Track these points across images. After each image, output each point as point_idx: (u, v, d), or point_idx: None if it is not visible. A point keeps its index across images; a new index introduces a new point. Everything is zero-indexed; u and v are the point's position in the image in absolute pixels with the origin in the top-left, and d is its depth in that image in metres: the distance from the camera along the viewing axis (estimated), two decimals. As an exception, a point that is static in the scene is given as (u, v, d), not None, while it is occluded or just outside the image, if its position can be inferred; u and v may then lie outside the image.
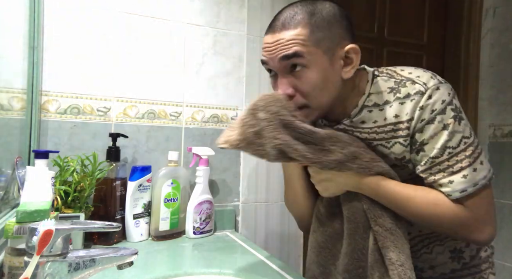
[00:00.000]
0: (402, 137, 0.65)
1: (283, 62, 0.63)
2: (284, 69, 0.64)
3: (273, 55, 0.64)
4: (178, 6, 1.08)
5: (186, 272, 0.73)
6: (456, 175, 0.61)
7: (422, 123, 0.63)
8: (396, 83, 0.66)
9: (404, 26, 1.59)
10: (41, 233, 0.40)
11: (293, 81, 0.64)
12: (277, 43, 0.63)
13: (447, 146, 0.62)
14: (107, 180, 0.90)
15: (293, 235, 1.23)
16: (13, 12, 0.83)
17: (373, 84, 0.69)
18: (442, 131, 0.62)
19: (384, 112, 0.67)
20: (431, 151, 0.63)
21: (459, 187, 0.61)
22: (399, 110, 0.65)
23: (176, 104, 1.08)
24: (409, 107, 0.63)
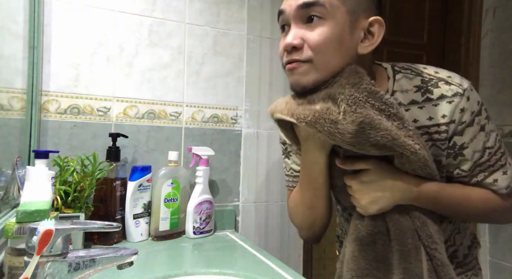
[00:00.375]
0: (439, 141, 0.62)
1: (300, 10, 0.58)
2: (300, 19, 0.59)
3: (292, 1, 0.58)
4: (178, 6, 1.08)
5: (186, 272, 0.73)
6: (497, 172, 0.62)
7: (462, 125, 0.60)
8: (424, 83, 0.62)
9: (404, 26, 1.59)
10: (41, 233, 0.40)
11: (304, 33, 0.58)
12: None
13: (486, 146, 0.61)
14: (107, 180, 0.90)
15: (293, 235, 1.23)
16: (13, 11, 0.83)
17: (396, 81, 0.64)
18: (480, 132, 0.61)
19: (413, 114, 0.62)
20: (471, 155, 0.61)
21: (504, 184, 0.62)
22: (433, 112, 0.60)
23: (176, 104, 1.08)
24: (447, 109, 0.59)
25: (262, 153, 1.19)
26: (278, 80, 1.22)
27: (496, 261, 1.51)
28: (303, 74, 0.59)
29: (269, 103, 1.20)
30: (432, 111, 0.61)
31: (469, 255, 0.74)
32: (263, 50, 1.19)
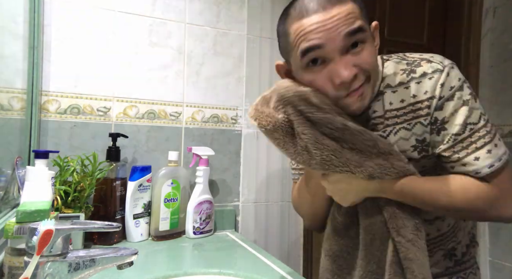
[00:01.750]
0: (422, 117, 0.63)
1: (347, 39, 0.57)
2: (344, 48, 0.58)
3: (333, 33, 0.56)
4: (178, 6, 1.08)
5: (186, 272, 0.73)
6: (480, 150, 0.60)
7: (441, 100, 0.61)
8: (409, 65, 0.64)
9: (404, 26, 1.59)
10: (41, 233, 0.40)
11: (353, 60, 0.58)
12: (337, 16, 0.56)
13: (468, 122, 0.60)
14: (107, 180, 0.90)
15: (293, 235, 1.23)
16: (13, 11, 0.83)
17: (384, 68, 0.67)
18: (462, 107, 0.60)
19: (400, 94, 0.64)
20: (452, 128, 0.61)
21: (487, 162, 0.60)
22: (416, 90, 0.62)
23: (176, 104, 1.08)
24: (428, 85, 0.61)
25: (262, 153, 1.19)
26: (278, 80, 1.21)
27: (496, 261, 1.51)
28: (367, 95, 0.62)
29: (269, 103, 1.20)
30: (415, 89, 0.63)
31: (467, 253, 0.75)
32: (263, 50, 1.19)
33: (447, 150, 0.62)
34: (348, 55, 0.58)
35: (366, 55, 0.59)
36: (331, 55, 0.58)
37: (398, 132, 0.65)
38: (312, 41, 0.58)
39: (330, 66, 0.59)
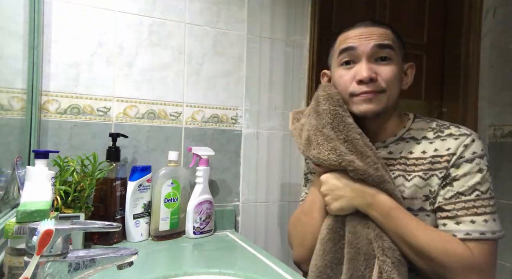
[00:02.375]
0: (438, 170, 0.68)
1: (376, 49, 0.70)
2: (372, 57, 0.70)
3: (367, 40, 0.70)
4: (178, 6, 1.08)
5: (186, 272, 0.73)
6: (479, 216, 0.63)
7: (461, 160, 0.66)
8: (438, 126, 0.73)
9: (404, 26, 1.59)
10: (41, 233, 0.40)
11: (376, 68, 0.70)
12: (373, 32, 0.70)
13: (477, 188, 0.65)
14: (107, 180, 0.90)
15: (293, 235, 1.23)
16: (13, 11, 0.83)
17: (414, 122, 0.76)
18: (477, 173, 0.65)
19: (423, 146, 0.71)
20: (459, 187, 0.65)
21: (480, 229, 0.63)
22: (439, 146, 0.69)
23: (176, 104, 1.08)
24: (452, 143, 0.68)
25: (262, 153, 1.19)
26: (278, 80, 1.22)
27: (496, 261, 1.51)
28: (378, 103, 0.70)
29: (269, 103, 1.20)
30: (438, 145, 0.69)
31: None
32: (263, 50, 1.19)
33: (448, 205, 0.65)
34: (374, 63, 0.70)
35: (388, 70, 0.70)
36: (361, 58, 0.70)
37: (413, 179, 0.69)
38: (348, 44, 0.72)
39: (356, 67, 0.71)
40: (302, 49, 1.25)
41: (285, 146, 1.23)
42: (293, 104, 1.23)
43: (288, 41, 1.23)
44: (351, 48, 0.71)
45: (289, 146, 1.23)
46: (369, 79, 0.69)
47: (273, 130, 1.20)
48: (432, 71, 1.62)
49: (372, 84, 0.69)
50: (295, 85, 1.24)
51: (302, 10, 1.25)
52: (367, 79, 0.69)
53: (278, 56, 1.22)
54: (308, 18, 1.25)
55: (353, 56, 0.71)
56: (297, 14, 1.24)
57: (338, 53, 0.74)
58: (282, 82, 1.22)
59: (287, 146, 1.23)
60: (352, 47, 0.71)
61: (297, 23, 1.24)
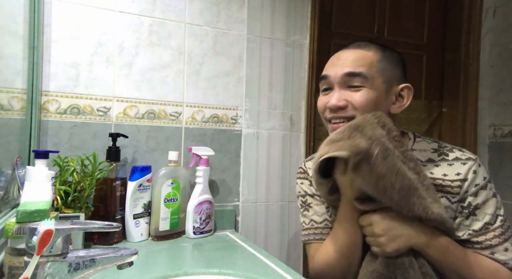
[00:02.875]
0: (450, 194, 0.68)
1: (346, 77, 0.69)
2: (344, 84, 0.70)
3: (338, 69, 0.70)
4: (178, 6, 1.08)
5: (186, 272, 0.73)
6: (508, 242, 0.66)
7: (476, 187, 0.67)
8: (441, 147, 0.73)
9: (404, 26, 1.59)
10: (41, 233, 0.40)
11: (347, 95, 0.69)
12: (347, 58, 0.70)
13: (498, 213, 0.67)
14: (107, 180, 0.90)
15: (293, 235, 1.23)
16: (13, 11, 0.83)
17: (416, 142, 0.75)
18: (493, 198, 0.67)
19: (429, 169, 0.70)
20: (483, 216, 0.66)
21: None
22: (448, 170, 0.69)
23: (176, 104, 1.08)
24: (460, 168, 0.68)
25: (262, 153, 1.19)
26: (278, 80, 1.22)
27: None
28: None
29: (269, 103, 1.20)
30: (446, 169, 0.69)
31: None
32: (263, 50, 1.19)
33: (480, 236, 0.66)
34: (347, 90, 0.70)
35: (359, 96, 0.68)
36: (334, 86, 0.71)
37: None
38: (324, 72, 0.74)
39: (331, 93, 0.72)
40: (302, 49, 1.25)
41: (285, 146, 1.22)
42: (293, 104, 1.23)
43: (288, 41, 1.23)
44: (325, 77, 0.73)
45: (289, 145, 1.23)
46: (336, 107, 0.69)
47: (273, 130, 1.20)
48: (432, 71, 1.62)
49: (342, 112, 0.69)
50: (295, 85, 1.24)
51: (302, 10, 1.25)
52: (334, 107, 0.69)
53: (278, 56, 1.22)
54: (308, 18, 1.25)
55: (329, 84, 0.73)
56: (297, 14, 1.24)
57: (319, 81, 0.76)
58: (282, 82, 1.22)
59: (287, 146, 1.23)
60: (325, 76, 0.73)
61: (297, 23, 1.24)
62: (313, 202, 0.83)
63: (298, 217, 1.23)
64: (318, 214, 0.81)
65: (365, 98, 0.68)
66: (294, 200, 1.23)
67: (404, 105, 0.72)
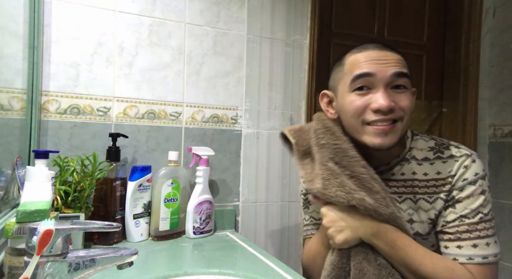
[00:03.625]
0: (443, 193, 0.68)
1: (394, 78, 0.66)
2: (389, 84, 0.66)
3: (385, 67, 0.66)
4: (178, 6, 1.08)
5: (186, 272, 0.73)
6: (481, 239, 0.64)
7: (464, 182, 0.66)
8: (437, 145, 0.72)
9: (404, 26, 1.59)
10: (41, 233, 0.40)
11: (394, 97, 0.66)
12: (389, 58, 0.67)
13: (480, 211, 0.65)
14: (107, 180, 0.90)
15: (293, 235, 1.23)
16: (13, 11, 0.83)
17: (414, 140, 0.75)
18: (480, 195, 0.66)
19: (424, 168, 0.71)
20: (462, 210, 0.66)
21: (482, 253, 0.63)
22: (441, 168, 0.69)
23: (176, 104, 1.08)
24: (453, 166, 0.68)
25: (262, 153, 1.19)
26: (278, 80, 1.22)
27: (496, 261, 1.51)
28: (394, 135, 0.67)
29: (269, 103, 1.20)
30: (440, 167, 0.69)
31: None
32: (263, 50, 1.19)
33: (452, 228, 0.66)
34: (391, 93, 0.66)
35: (406, 98, 0.67)
36: (377, 85, 0.66)
37: (418, 201, 0.69)
38: (365, 69, 0.66)
39: (372, 94, 0.66)
40: (302, 49, 1.25)
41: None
42: (293, 104, 1.23)
43: (288, 41, 1.23)
44: (368, 74, 0.66)
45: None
46: (389, 109, 0.65)
47: (273, 130, 1.20)
48: (432, 71, 1.62)
49: (391, 114, 0.66)
50: (295, 85, 1.24)
51: (302, 10, 1.25)
52: (387, 108, 0.64)
53: (278, 56, 1.22)
54: (308, 18, 1.25)
55: (369, 83, 0.66)
56: (297, 14, 1.24)
57: (352, 79, 0.68)
58: (282, 82, 1.22)
59: (287, 146, 1.23)
60: (369, 74, 0.66)
61: (297, 23, 1.24)
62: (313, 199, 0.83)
63: (298, 217, 1.23)
64: (317, 211, 0.82)
65: (410, 101, 0.67)
66: (294, 200, 1.23)
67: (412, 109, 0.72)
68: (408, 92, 0.68)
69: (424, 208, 0.69)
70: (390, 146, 0.67)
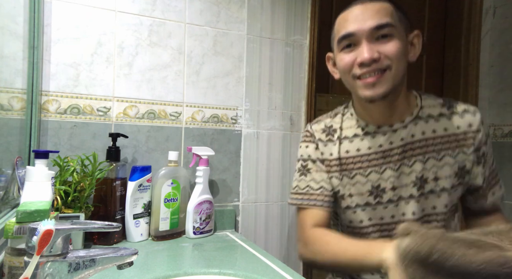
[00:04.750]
0: (466, 147, 0.73)
1: (374, 31, 0.67)
2: (371, 37, 0.68)
3: (364, 23, 0.67)
4: (178, 6, 1.08)
5: (186, 272, 0.73)
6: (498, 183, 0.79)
7: (486, 137, 0.75)
8: (446, 101, 0.76)
9: (404, 26, 1.59)
10: (41, 233, 0.40)
11: (378, 47, 0.67)
12: (370, 11, 0.68)
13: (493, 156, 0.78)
14: (107, 180, 0.90)
15: (293, 235, 1.23)
16: (13, 11, 0.83)
17: (423, 99, 0.77)
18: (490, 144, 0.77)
19: (443, 123, 0.74)
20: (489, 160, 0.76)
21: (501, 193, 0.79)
22: (460, 122, 0.73)
23: (176, 104, 1.08)
24: (471, 120, 0.73)
25: (262, 153, 1.19)
26: (278, 80, 1.22)
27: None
28: (383, 85, 0.68)
29: (269, 103, 1.20)
30: (459, 121, 0.73)
31: None
32: (263, 50, 1.19)
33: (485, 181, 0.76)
34: (375, 43, 0.68)
35: (391, 46, 0.67)
36: (360, 41, 0.68)
37: (444, 158, 0.73)
38: (347, 30, 0.69)
39: (358, 49, 0.69)
40: (302, 49, 1.25)
41: (285, 146, 1.23)
42: (293, 104, 1.23)
43: (288, 41, 1.23)
44: (349, 34, 0.69)
45: (289, 145, 1.23)
46: (371, 60, 0.66)
47: (273, 130, 1.21)
48: (432, 71, 1.62)
49: (375, 64, 0.67)
50: (295, 85, 1.24)
51: (302, 10, 1.25)
52: (369, 60, 0.66)
53: (278, 56, 1.22)
54: (308, 18, 1.25)
55: (353, 41, 0.69)
56: (297, 14, 1.24)
57: (338, 40, 0.72)
58: (282, 82, 1.22)
59: (287, 146, 1.23)
60: (350, 33, 0.69)
61: (297, 23, 1.24)
62: (313, 168, 0.82)
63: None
64: (316, 181, 0.80)
65: (397, 48, 0.67)
66: (294, 200, 1.23)
67: (418, 52, 0.73)
68: (395, 39, 0.67)
69: (450, 163, 0.73)
70: (382, 96, 0.68)
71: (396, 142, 0.73)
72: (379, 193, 0.75)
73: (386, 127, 0.75)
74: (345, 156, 0.78)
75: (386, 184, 0.74)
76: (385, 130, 0.75)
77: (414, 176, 0.73)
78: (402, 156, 0.73)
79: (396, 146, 0.73)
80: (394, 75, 0.68)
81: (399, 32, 0.69)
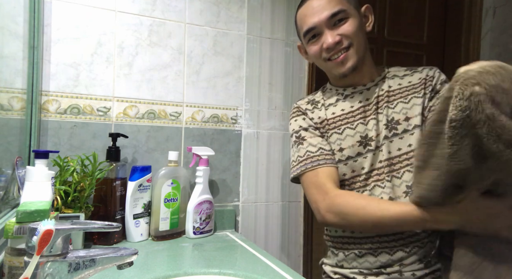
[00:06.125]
0: (427, 89, 0.81)
1: (330, 19, 0.79)
2: (330, 24, 0.80)
3: (320, 15, 0.79)
4: (178, 6, 1.08)
5: (186, 272, 0.73)
6: None
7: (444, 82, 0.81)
8: (409, 69, 0.87)
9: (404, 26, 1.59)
10: (41, 233, 0.40)
11: (338, 31, 0.80)
12: (320, 5, 0.80)
13: None
14: (107, 180, 0.90)
15: (293, 235, 1.23)
16: (13, 11, 0.83)
17: (389, 68, 0.89)
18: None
19: (407, 79, 0.85)
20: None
21: None
22: (421, 75, 0.83)
23: (176, 104, 1.08)
24: (428, 71, 0.83)
25: (262, 153, 1.19)
26: (278, 80, 1.22)
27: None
28: (350, 59, 0.81)
29: (269, 103, 1.20)
30: (419, 75, 0.84)
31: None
32: (263, 50, 1.19)
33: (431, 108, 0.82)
34: (334, 28, 0.80)
35: (347, 26, 0.80)
36: (322, 30, 0.81)
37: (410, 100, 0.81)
38: (308, 25, 0.82)
39: (321, 37, 0.82)
40: (302, 49, 1.25)
41: (285, 146, 1.23)
42: (293, 104, 1.23)
43: (288, 41, 1.23)
44: (312, 28, 0.82)
45: (289, 145, 1.23)
46: (335, 43, 0.79)
47: (273, 130, 1.21)
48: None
49: (339, 46, 0.80)
50: (295, 85, 1.24)
51: (302, 10, 1.24)
52: (333, 44, 0.79)
53: (278, 56, 1.22)
54: (308, 18, 1.25)
55: (316, 32, 0.82)
56: (297, 14, 1.24)
57: (303, 35, 0.84)
58: (282, 82, 1.22)
59: (287, 146, 1.23)
60: (311, 28, 0.81)
61: (297, 23, 1.24)
62: (307, 135, 0.87)
63: (298, 217, 1.23)
64: (312, 145, 0.84)
65: (353, 26, 0.79)
66: (294, 200, 1.23)
67: (372, 21, 0.86)
68: (350, 19, 0.80)
69: (417, 103, 0.80)
70: (353, 68, 0.81)
71: (371, 98, 0.84)
72: (367, 141, 0.82)
73: (361, 87, 0.87)
74: (332, 116, 0.86)
75: (372, 133, 0.82)
76: (361, 89, 0.86)
77: (385, 119, 0.81)
78: (377, 106, 0.83)
79: (371, 100, 0.84)
80: (357, 49, 0.81)
81: (352, 12, 0.80)
